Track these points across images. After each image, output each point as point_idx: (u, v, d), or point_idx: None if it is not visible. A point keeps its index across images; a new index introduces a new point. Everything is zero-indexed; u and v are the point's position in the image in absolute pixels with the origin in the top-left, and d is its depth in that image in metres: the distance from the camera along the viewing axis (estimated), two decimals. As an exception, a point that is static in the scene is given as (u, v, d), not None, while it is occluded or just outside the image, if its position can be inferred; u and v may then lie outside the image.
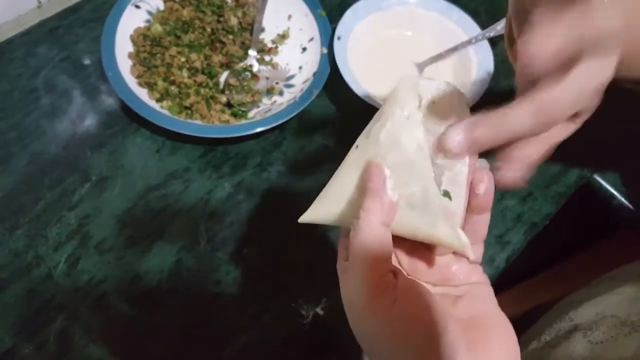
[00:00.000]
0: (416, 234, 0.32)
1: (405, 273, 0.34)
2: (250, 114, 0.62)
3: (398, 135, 0.30)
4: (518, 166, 0.33)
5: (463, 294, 0.33)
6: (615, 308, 0.46)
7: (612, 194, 0.64)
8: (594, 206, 0.68)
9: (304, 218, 0.34)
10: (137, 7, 0.64)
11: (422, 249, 0.35)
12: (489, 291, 0.34)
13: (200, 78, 0.61)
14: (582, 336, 0.46)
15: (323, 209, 0.33)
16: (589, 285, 0.53)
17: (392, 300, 0.29)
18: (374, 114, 0.34)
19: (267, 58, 0.66)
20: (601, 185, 0.64)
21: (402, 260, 0.35)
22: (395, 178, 0.30)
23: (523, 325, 0.56)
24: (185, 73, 0.61)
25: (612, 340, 0.43)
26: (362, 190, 0.31)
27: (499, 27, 0.65)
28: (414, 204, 0.31)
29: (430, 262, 0.35)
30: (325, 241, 0.56)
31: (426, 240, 0.32)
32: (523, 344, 0.53)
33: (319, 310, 0.52)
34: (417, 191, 0.30)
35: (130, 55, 0.62)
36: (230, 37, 0.65)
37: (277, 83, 0.65)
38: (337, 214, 0.33)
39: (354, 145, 0.32)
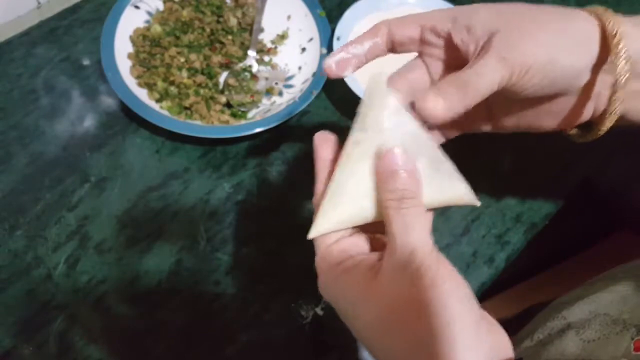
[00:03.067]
0: (434, 200, 0.33)
1: None
2: (250, 115, 0.62)
3: (395, 117, 0.32)
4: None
5: None
6: (608, 306, 0.46)
7: (612, 194, 0.64)
8: (594, 206, 0.68)
9: (317, 231, 0.34)
10: (137, 7, 0.64)
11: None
12: None
13: (200, 78, 0.61)
14: (575, 334, 0.46)
15: (337, 215, 0.33)
16: (583, 285, 0.53)
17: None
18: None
19: (266, 58, 0.66)
20: (600, 185, 0.64)
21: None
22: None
23: (519, 324, 0.56)
24: (184, 73, 0.61)
25: (604, 338, 0.43)
26: (388, 175, 0.32)
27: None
28: (427, 173, 0.32)
29: None
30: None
31: (444, 204, 0.34)
32: (516, 342, 0.53)
33: (318, 311, 0.52)
34: (426, 161, 0.33)
35: (129, 56, 0.62)
36: (230, 37, 0.65)
37: (276, 83, 0.65)
38: (356, 213, 0.33)
39: (351, 143, 0.33)
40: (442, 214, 0.58)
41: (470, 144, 0.63)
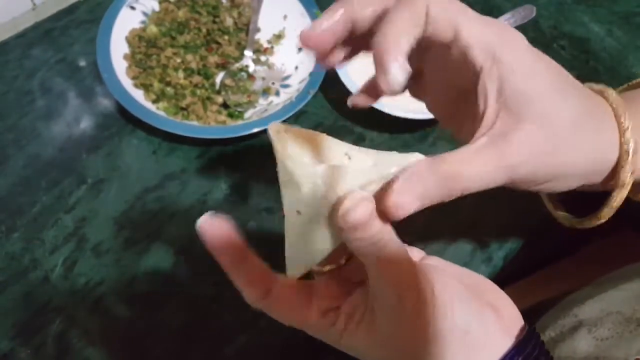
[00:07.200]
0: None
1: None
2: (247, 115, 0.62)
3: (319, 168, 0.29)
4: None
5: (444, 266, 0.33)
6: (619, 304, 0.46)
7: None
8: (594, 204, 0.67)
9: (293, 275, 0.32)
10: (132, 8, 0.64)
11: None
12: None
13: (196, 79, 0.61)
14: (587, 332, 0.46)
15: (304, 260, 0.32)
16: (593, 283, 0.53)
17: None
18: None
19: (263, 58, 0.66)
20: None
21: None
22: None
23: (527, 322, 0.55)
24: (181, 74, 0.61)
25: (617, 336, 0.43)
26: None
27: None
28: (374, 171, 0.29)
29: None
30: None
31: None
32: None
33: (317, 311, 0.52)
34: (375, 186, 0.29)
35: (125, 57, 0.62)
36: (226, 37, 0.65)
37: (273, 83, 0.65)
38: (323, 250, 0.31)
39: (294, 213, 0.30)
40: (440, 213, 0.58)
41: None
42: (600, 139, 0.32)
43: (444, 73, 0.34)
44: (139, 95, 0.59)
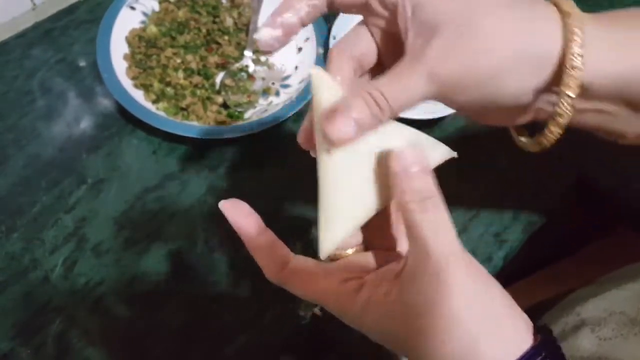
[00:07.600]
0: None
1: None
2: (247, 115, 0.62)
3: None
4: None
5: None
6: (623, 304, 0.46)
7: (611, 191, 0.64)
8: (593, 203, 0.68)
9: (327, 250, 0.31)
10: (132, 8, 0.64)
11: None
12: None
13: (196, 79, 0.61)
14: (590, 331, 0.46)
15: (340, 225, 0.31)
16: (595, 283, 0.53)
17: None
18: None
19: (262, 58, 0.66)
20: (600, 181, 0.63)
21: None
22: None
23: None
24: (180, 74, 0.61)
25: (622, 338, 0.43)
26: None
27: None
28: None
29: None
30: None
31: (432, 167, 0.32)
32: None
33: (317, 311, 0.52)
34: (408, 139, 0.32)
35: (125, 57, 0.62)
36: (226, 37, 0.65)
37: (273, 83, 0.65)
38: (357, 216, 0.31)
39: (325, 151, 0.31)
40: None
41: (468, 142, 0.63)
42: (532, 26, 0.30)
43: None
44: (139, 95, 0.59)
